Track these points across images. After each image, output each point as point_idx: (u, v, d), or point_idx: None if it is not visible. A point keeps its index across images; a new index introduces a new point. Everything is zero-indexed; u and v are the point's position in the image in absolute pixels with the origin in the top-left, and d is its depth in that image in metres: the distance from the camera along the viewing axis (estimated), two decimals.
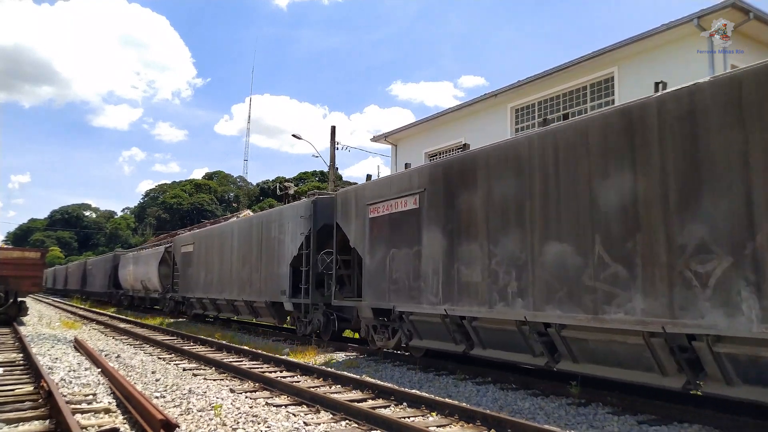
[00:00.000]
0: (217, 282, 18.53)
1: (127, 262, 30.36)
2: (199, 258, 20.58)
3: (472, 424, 6.04)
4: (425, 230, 9.30)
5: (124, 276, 30.47)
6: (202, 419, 6.15)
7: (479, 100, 18.53)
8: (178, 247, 23.13)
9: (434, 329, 9.33)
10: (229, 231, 18.51)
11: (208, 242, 19.98)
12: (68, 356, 10.81)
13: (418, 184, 9.57)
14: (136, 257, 29.07)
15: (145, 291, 27.38)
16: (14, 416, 6.03)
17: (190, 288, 21.07)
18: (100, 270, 36.52)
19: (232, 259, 17.59)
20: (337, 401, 6.75)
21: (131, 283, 29.40)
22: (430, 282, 9.08)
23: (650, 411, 6.58)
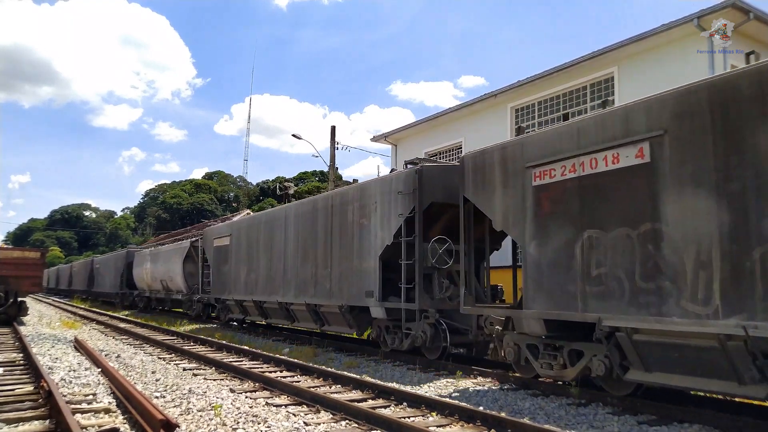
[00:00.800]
0: (265, 281, 15.49)
1: (143, 260, 27.61)
2: (238, 252, 17.48)
3: (472, 424, 6.04)
4: (670, 197, 6.01)
5: (139, 275, 27.94)
6: (202, 419, 6.16)
7: (479, 100, 18.52)
8: (209, 241, 19.99)
9: (695, 358, 5.87)
10: (281, 217, 15.09)
11: (250, 233, 16.92)
12: (68, 356, 10.81)
13: (647, 126, 6.31)
14: (155, 254, 26.13)
15: (165, 292, 24.71)
16: (14, 416, 6.03)
17: (227, 288, 18.01)
18: (111, 269, 33.38)
19: (287, 253, 14.40)
20: (337, 401, 6.75)
21: (148, 283, 26.80)
22: (686, 279, 5.81)
23: (650, 411, 6.58)
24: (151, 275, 26.02)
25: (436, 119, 20.58)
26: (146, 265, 26.78)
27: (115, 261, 32.69)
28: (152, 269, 25.89)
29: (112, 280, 32.47)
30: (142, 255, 28.42)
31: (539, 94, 16.73)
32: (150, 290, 27.00)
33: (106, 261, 36.66)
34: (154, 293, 26.51)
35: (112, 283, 32.53)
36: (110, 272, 33.34)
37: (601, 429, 6.08)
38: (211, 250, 19.71)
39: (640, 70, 13.99)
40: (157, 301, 27.07)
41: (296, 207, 14.69)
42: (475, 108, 18.94)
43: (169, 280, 23.81)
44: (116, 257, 33.38)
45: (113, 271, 32.46)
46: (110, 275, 33.26)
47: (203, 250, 20.63)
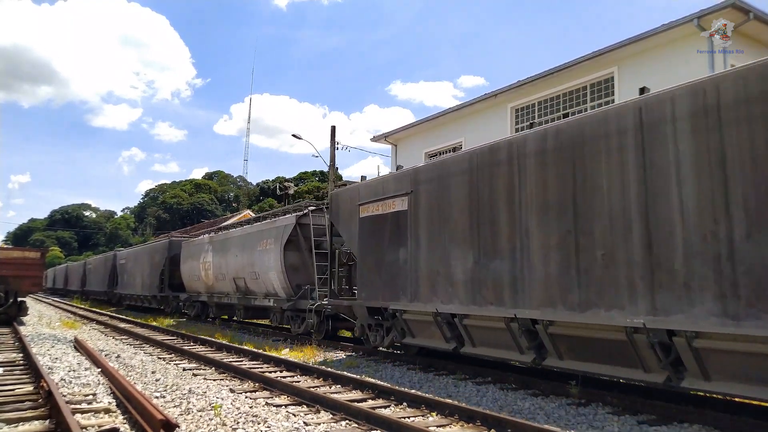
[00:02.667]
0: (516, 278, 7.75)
1: (198, 251, 21.13)
2: (433, 223, 9.34)
3: (472, 424, 6.04)
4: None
5: (191, 272, 21.69)
6: (202, 419, 6.15)
7: (479, 100, 18.53)
8: (347, 209, 11.77)
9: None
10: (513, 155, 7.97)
11: (457, 187, 8.85)
12: (68, 356, 10.81)
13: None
14: (223, 241, 19.11)
15: (242, 295, 17.62)
16: (14, 416, 6.03)
17: (401, 290, 9.96)
18: (142, 265, 26.67)
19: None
20: (337, 401, 6.75)
21: (208, 283, 20.00)
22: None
23: (650, 411, 6.58)
24: (216, 272, 19.20)
25: (437, 119, 20.58)
26: (205, 257, 20.14)
27: (151, 255, 26.02)
28: (217, 263, 19.04)
29: (146, 280, 25.90)
30: (196, 245, 21.91)
31: (539, 94, 16.74)
32: (210, 293, 20.27)
33: (135, 256, 29.26)
34: (219, 297, 19.47)
35: (145, 283, 26.04)
36: (142, 269, 26.84)
37: (601, 429, 6.08)
38: (353, 225, 11.43)
39: (640, 70, 14.00)
40: (221, 308, 20.22)
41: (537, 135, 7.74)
42: (476, 108, 18.95)
43: (253, 277, 16.51)
44: (151, 251, 26.48)
45: (148, 267, 25.86)
46: (142, 273, 26.77)
47: (331, 225, 12.62)
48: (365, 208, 11.08)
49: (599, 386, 7.70)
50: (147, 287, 25.72)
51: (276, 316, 16.19)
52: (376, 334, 11.16)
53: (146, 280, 25.90)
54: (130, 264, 29.37)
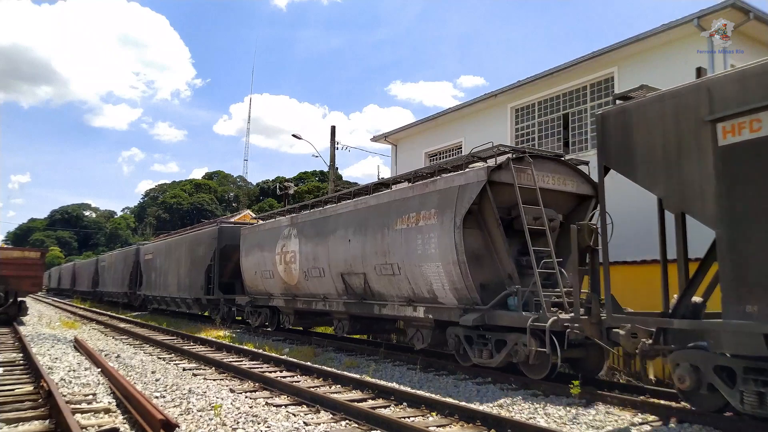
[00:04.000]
0: None
1: (267, 239, 15.58)
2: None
3: (472, 424, 6.04)
4: None
5: (256, 267, 16.12)
6: (202, 419, 6.15)
7: (479, 100, 18.50)
8: (654, 132, 6.24)
9: None
10: None
11: None
12: (68, 356, 10.81)
13: None
14: (321, 222, 13.26)
15: (356, 300, 12.01)
16: (14, 416, 6.03)
17: None
18: (179, 260, 21.75)
19: None
20: (337, 401, 6.75)
21: (290, 282, 14.39)
22: None
23: (650, 411, 6.58)
24: (305, 265, 13.52)
25: (436, 119, 20.56)
26: (284, 245, 14.48)
27: (191, 248, 20.79)
28: (308, 252, 13.41)
29: (184, 279, 20.81)
30: (266, 230, 15.97)
31: (539, 94, 16.72)
32: (291, 295, 14.61)
33: (167, 249, 23.84)
34: (304, 302, 14.09)
35: (182, 284, 20.97)
36: (178, 266, 21.85)
37: (601, 429, 6.08)
38: (698, 162, 5.76)
39: (640, 70, 13.98)
40: (305, 316, 15.23)
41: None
42: (475, 108, 18.92)
43: (380, 272, 10.99)
44: (193, 241, 20.85)
45: (187, 263, 20.84)
46: (178, 271, 21.77)
47: (603, 171, 6.94)
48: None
49: (599, 386, 7.69)
50: (186, 288, 20.55)
51: (426, 334, 10.31)
52: None
53: (184, 279, 20.79)
54: (159, 260, 24.13)
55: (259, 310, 16.78)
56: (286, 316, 15.54)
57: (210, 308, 20.04)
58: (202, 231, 21.49)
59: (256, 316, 16.93)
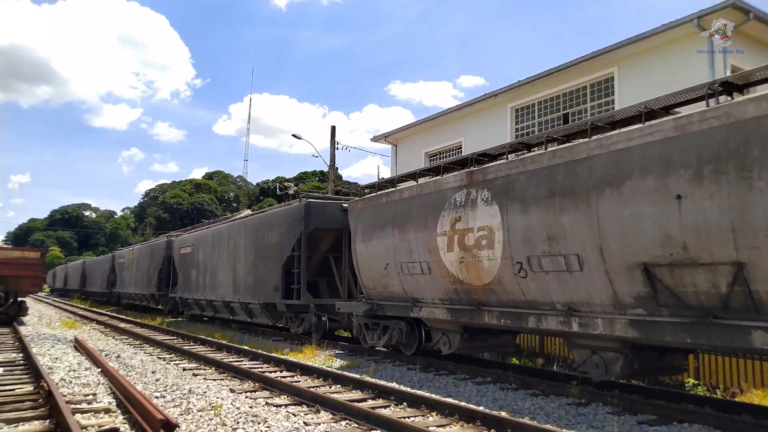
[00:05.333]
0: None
1: (422, 210, 9.73)
2: None
3: (472, 424, 6.04)
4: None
5: (390, 256, 10.45)
6: (202, 419, 6.15)
7: (479, 100, 18.52)
8: None
9: None
10: None
11: None
12: (68, 356, 10.81)
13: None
14: (569, 170, 7.07)
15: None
16: (14, 416, 6.03)
17: None
18: (238, 252, 16.68)
19: None
20: (337, 401, 6.75)
21: (471, 279, 8.59)
22: None
23: (650, 411, 6.58)
24: (525, 251, 7.65)
25: (436, 119, 20.58)
26: (466, 218, 8.70)
27: (259, 232, 15.68)
28: (542, 226, 7.37)
29: (249, 279, 15.82)
30: (418, 198, 9.99)
31: (539, 94, 16.74)
32: (467, 304, 8.90)
33: (215, 239, 18.81)
34: (505, 315, 8.20)
35: (245, 286, 16.00)
36: (237, 260, 16.75)
37: (601, 429, 6.08)
38: None
39: (640, 70, 13.99)
40: (498, 339, 9.96)
41: None
42: (475, 108, 18.94)
43: None
44: (264, 223, 15.62)
45: (251, 255, 15.84)
46: (237, 266, 16.69)
47: None
48: None
49: (599, 386, 7.70)
50: (249, 290, 15.70)
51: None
52: None
53: (245, 277, 16.05)
54: (201, 253, 19.55)
55: (385, 324, 11.20)
56: (444, 336, 9.68)
57: (288, 318, 14.64)
58: (279, 210, 15.53)
59: (378, 332, 11.35)
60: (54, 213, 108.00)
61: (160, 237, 31.08)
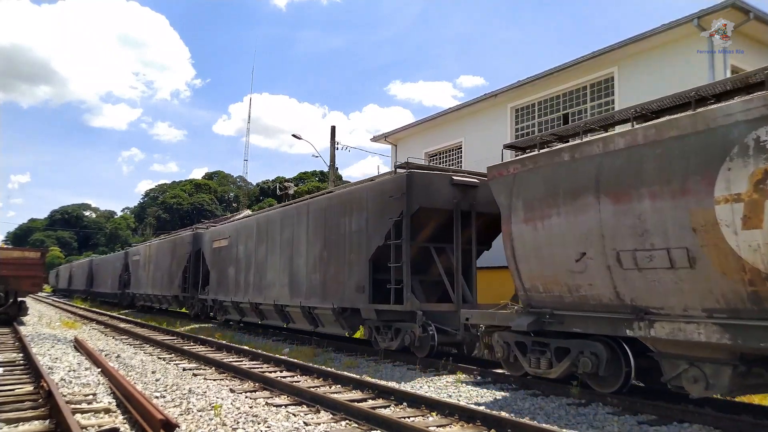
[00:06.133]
0: None
1: (664, 166, 6.12)
2: None
3: (472, 424, 6.04)
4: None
5: (581, 242, 7.03)
6: (202, 419, 6.15)
7: (479, 100, 18.51)
8: None
9: None
10: None
11: None
12: (68, 356, 10.81)
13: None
14: None
15: None
16: (14, 416, 6.03)
17: None
18: (299, 244, 13.55)
19: None
20: (337, 401, 6.75)
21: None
22: None
23: (650, 411, 6.58)
24: None
25: (436, 119, 20.56)
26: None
27: (334, 215, 12.33)
28: None
29: (316, 277, 12.73)
30: (650, 146, 6.35)
31: (539, 94, 16.72)
32: None
33: (263, 226, 15.71)
34: None
35: (312, 285, 12.84)
36: (300, 254, 13.48)
37: (601, 429, 6.08)
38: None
39: (640, 70, 13.99)
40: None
41: None
42: (475, 108, 18.92)
43: None
44: (346, 200, 12.06)
45: (316, 248, 12.90)
46: (299, 262, 13.50)
47: None
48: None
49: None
50: (316, 290, 12.46)
51: None
52: None
53: (308, 275, 12.83)
54: (242, 248, 16.50)
55: (561, 346, 7.69)
56: (697, 369, 6.16)
57: (374, 328, 11.25)
58: (361, 187, 11.83)
59: (546, 356, 7.86)
60: (54, 213, 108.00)
61: (179, 231, 26.36)
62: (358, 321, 11.93)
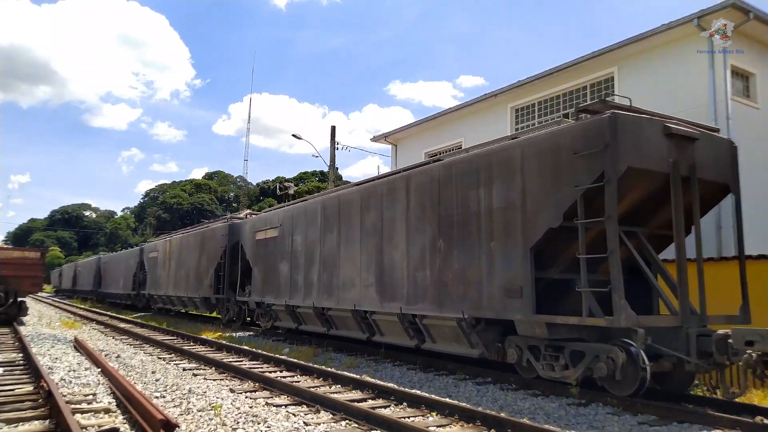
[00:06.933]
0: None
1: None
2: None
3: (472, 424, 6.04)
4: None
5: None
6: (202, 419, 6.15)
7: (479, 100, 18.52)
8: None
9: None
10: None
11: None
12: (68, 356, 10.81)
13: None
14: None
15: None
16: (14, 416, 6.03)
17: None
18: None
19: None
20: (337, 401, 6.75)
21: None
22: None
23: (650, 411, 6.58)
24: None
25: (436, 119, 20.58)
26: None
27: (446, 185, 9.20)
28: None
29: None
30: None
31: (539, 94, 16.74)
32: None
33: (332, 209, 12.53)
34: None
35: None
36: (399, 242, 10.31)
37: (601, 429, 6.08)
38: None
39: (640, 70, 14.00)
40: None
41: None
42: (475, 108, 18.94)
43: None
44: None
45: (420, 231, 9.78)
46: (394, 252, 10.44)
47: None
48: None
49: (599, 387, 7.69)
50: (425, 292, 9.52)
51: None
52: None
53: (421, 272, 9.67)
54: (303, 235, 13.44)
55: None
56: None
57: (531, 350, 8.01)
58: (515, 143, 8.37)
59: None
60: (54, 213, 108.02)
61: (212, 221, 22.86)
62: (499, 337, 8.56)
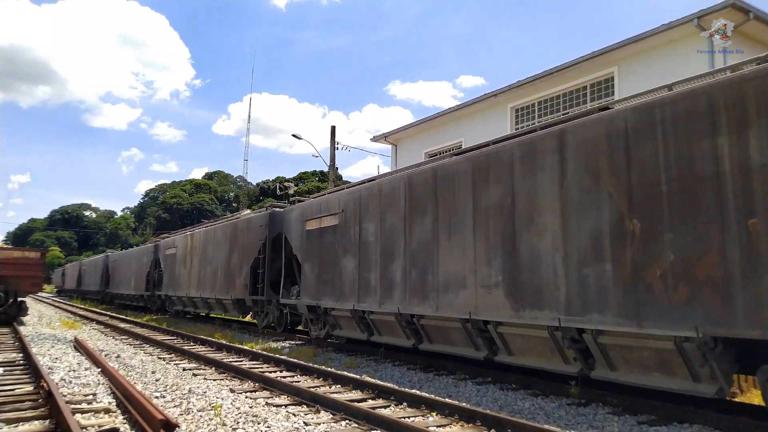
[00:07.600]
0: None
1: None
2: None
3: (472, 424, 6.03)
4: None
5: None
6: (202, 419, 6.15)
7: (479, 100, 18.52)
8: None
9: None
10: None
11: None
12: (68, 356, 10.81)
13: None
14: None
15: None
16: (14, 416, 6.02)
17: None
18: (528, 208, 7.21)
19: None
20: (337, 401, 6.75)
21: None
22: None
23: (650, 411, 6.58)
24: None
25: (436, 119, 20.58)
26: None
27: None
28: None
29: None
30: None
31: (539, 94, 16.74)
32: None
33: (460, 173, 8.63)
34: None
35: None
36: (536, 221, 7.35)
37: (601, 429, 6.08)
38: None
39: (640, 70, 14.00)
40: None
41: None
42: (475, 108, 18.94)
43: None
44: None
45: None
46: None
47: None
48: None
49: (599, 387, 7.69)
50: (618, 296, 6.30)
51: None
52: None
53: (598, 267, 6.51)
54: (376, 222, 10.77)
55: None
56: None
57: None
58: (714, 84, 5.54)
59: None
60: (54, 213, 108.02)
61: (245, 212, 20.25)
62: (735, 364, 5.94)
